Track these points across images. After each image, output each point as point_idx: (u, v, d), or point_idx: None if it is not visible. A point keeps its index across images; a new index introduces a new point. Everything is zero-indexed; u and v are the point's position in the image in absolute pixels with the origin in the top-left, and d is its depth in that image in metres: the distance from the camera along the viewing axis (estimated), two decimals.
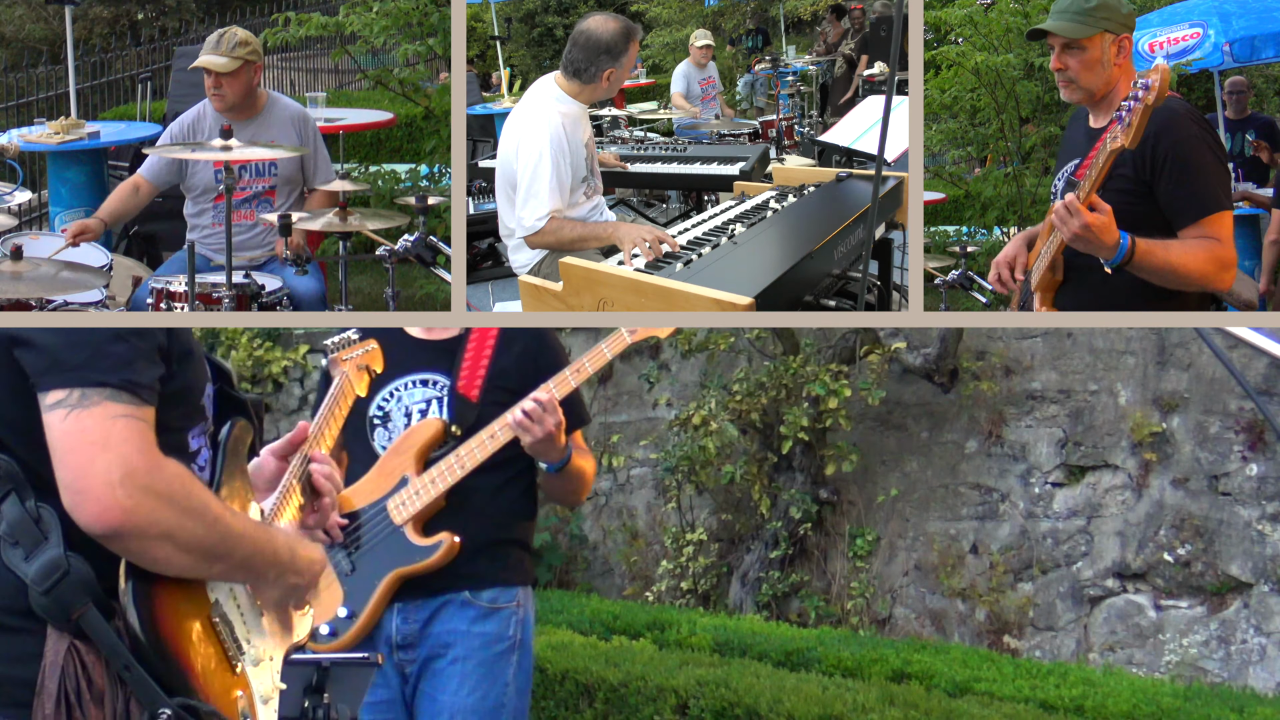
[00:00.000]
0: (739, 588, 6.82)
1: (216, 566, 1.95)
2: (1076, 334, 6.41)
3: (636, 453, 7.46)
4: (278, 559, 2.03)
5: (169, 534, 1.86)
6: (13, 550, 1.92)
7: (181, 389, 1.97)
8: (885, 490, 6.76)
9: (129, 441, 1.84)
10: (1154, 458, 6.10)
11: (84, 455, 1.84)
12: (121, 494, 1.82)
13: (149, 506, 1.83)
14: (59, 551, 1.90)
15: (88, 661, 1.90)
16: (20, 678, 1.92)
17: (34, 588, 1.90)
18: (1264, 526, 5.81)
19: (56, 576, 1.89)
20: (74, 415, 1.85)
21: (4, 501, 1.93)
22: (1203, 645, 5.84)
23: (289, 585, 2.07)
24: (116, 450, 1.83)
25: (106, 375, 1.86)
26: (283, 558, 2.04)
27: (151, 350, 1.91)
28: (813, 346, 6.81)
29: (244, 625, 2.05)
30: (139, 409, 1.86)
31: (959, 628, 6.41)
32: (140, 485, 1.83)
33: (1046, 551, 6.30)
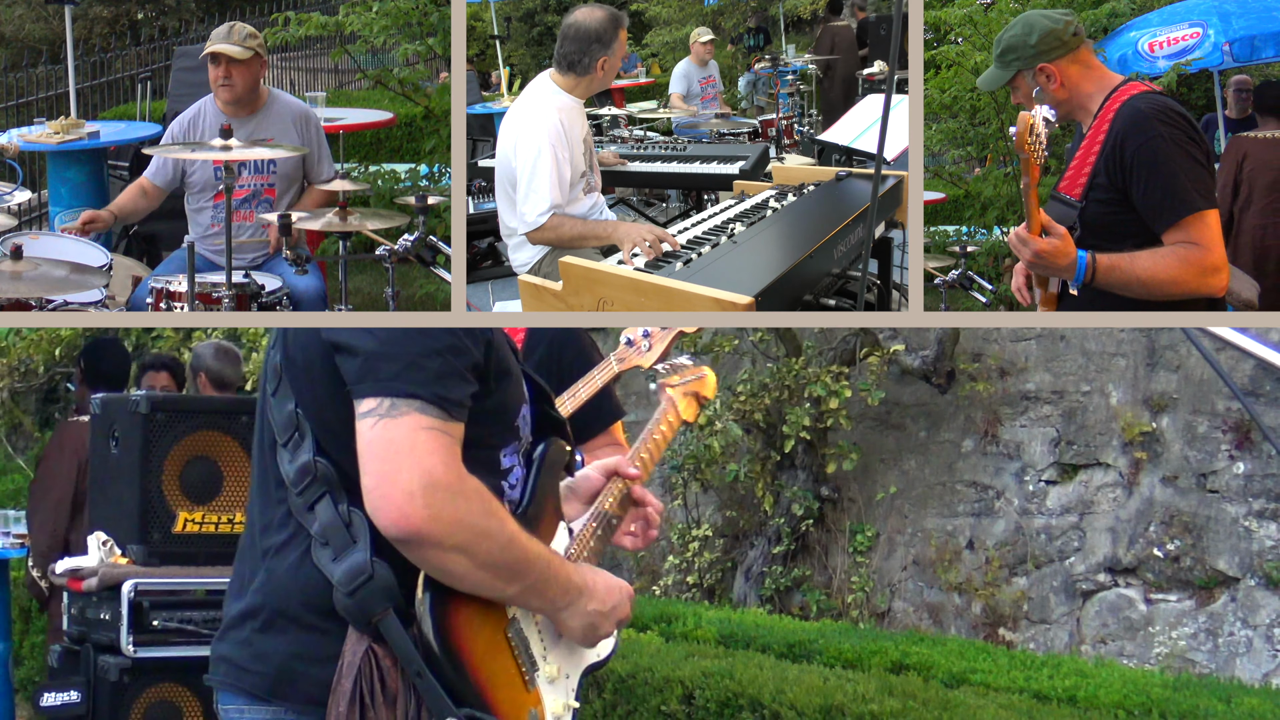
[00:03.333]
0: (743, 582, 6.87)
1: (512, 587, 1.94)
2: (1069, 337, 6.45)
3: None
4: (570, 585, 2.01)
5: (464, 547, 1.87)
6: (323, 550, 1.96)
7: (496, 407, 1.99)
8: (884, 488, 6.80)
9: (434, 454, 1.86)
10: (1144, 456, 6.16)
11: (389, 463, 1.86)
12: (421, 503, 1.84)
13: (447, 518, 1.85)
14: (365, 556, 1.92)
15: (383, 665, 1.93)
16: (317, 677, 1.95)
17: (339, 589, 1.93)
18: (1250, 523, 5.87)
19: (361, 580, 1.92)
20: (383, 424, 1.87)
21: (319, 503, 1.97)
22: (1191, 638, 5.88)
23: (588, 613, 2.03)
24: (420, 461, 1.85)
25: (419, 388, 1.87)
26: (575, 584, 2.01)
27: (466, 368, 1.92)
28: (814, 349, 6.85)
29: (541, 643, 2.04)
30: (446, 424, 1.88)
31: (956, 621, 6.45)
32: (440, 497, 1.85)
33: (1040, 547, 6.34)
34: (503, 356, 2.01)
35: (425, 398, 1.88)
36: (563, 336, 3.38)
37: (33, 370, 9.20)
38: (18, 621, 6.19)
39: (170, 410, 4.44)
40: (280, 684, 2.01)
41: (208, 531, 4.43)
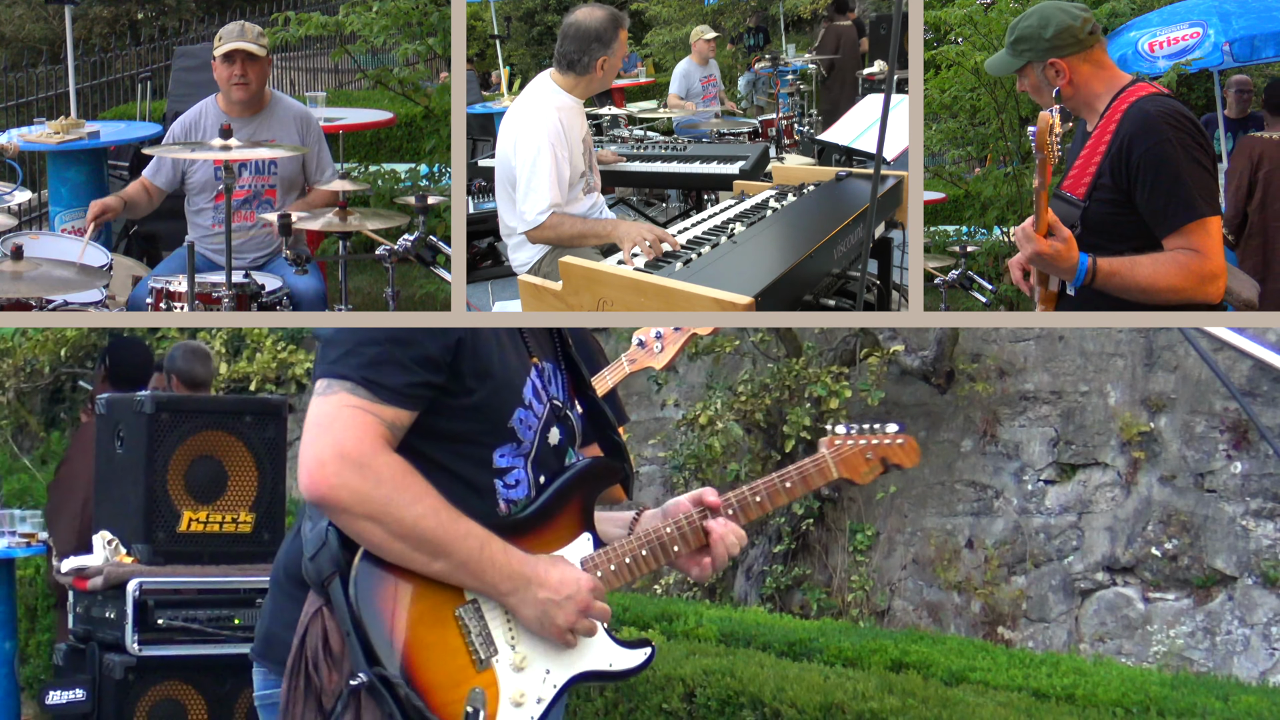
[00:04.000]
0: (744, 581, 6.90)
1: (436, 563, 2.02)
2: (1068, 337, 6.47)
3: (646, 451, 7.53)
4: (514, 573, 2.06)
5: (374, 518, 1.99)
6: (307, 522, 2.12)
7: (479, 405, 2.09)
8: (884, 487, 6.82)
9: (349, 429, 2.00)
10: (1142, 456, 6.18)
11: (310, 433, 2.02)
12: (330, 470, 1.98)
13: (352, 487, 1.98)
14: (325, 524, 2.06)
15: (328, 626, 2.04)
16: (288, 641, 2.09)
17: (305, 554, 2.09)
18: (1248, 522, 5.89)
19: (318, 545, 2.07)
20: (316, 400, 2.05)
21: None
22: (1189, 636, 5.91)
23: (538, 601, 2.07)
24: (335, 434, 2.00)
25: (350, 371, 2.02)
26: (521, 572, 2.06)
27: (409, 359, 2.03)
28: (814, 349, 6.87)
29: (509, 629, 2.09)
30: (374, 405, 2.01)
31: (955, 619, 6.47)
32: (345, 466, 1.98)
33: (1039, 546, 6.37)
34: (482, 359, 2.08)
35: (354, 379, 2.02)
36: (572, 337, 3.38)
37: (38, 370, 9.22)
38: (24, 620, 6.21)
39: (175, 410, 4.46)
40: (266, 645, 2.17)
41: (212, 531, 4.45)
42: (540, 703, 2.09)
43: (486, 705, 2.04)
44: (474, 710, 2.03)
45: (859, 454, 2.43)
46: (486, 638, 2.07)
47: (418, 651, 2.02)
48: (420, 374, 2.03)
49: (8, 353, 9.26)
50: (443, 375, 2.05)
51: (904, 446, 2.47)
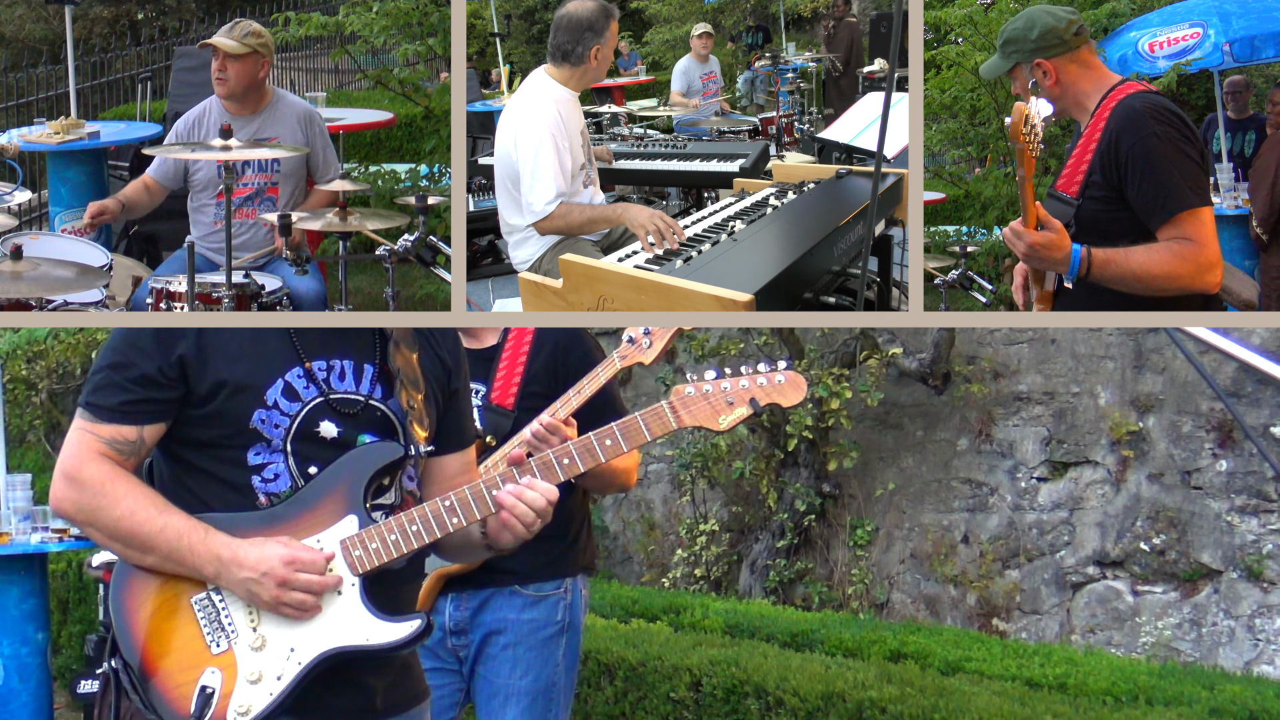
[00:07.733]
0: (748, 574, 6.96)
1: (149, 557, 2.23)
2: (1060, 340, 6.51)
3: (654, 450, 7.60)
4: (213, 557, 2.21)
5: (90, 523, 2.25)
6: None
7: (217, 413, 2.26)
8: (883, 484, 6.86)
9: (69, 448, 2.26)
10: (1131, 454, 6.25)
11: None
12: (57, 487, 2.27)
13: (68, 499, 2.26)
14: None
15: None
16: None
17: None
18: (1233, 518, 5.97)
19: None
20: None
21: None
22: (1176, 628, 5.97)
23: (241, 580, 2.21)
24: (63, 455, 2.28)
25: (82, 398, 2.29)
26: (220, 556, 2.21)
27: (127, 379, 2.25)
28: (816, 352, 6.92)
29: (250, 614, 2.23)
30: (93, 424, 2.26)
31: (951, 611, 6.52)
32: (62, 482, 2.26)
33: (1032, 541, 6.43)
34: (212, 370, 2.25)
35: (82, 404, 2.28)
36: (568, 336, 3.39)
37: (70, 372, 9.30)
38: (56, 612, 6.28)
39: None
40: None
41: None
42: (281, 679, 2.21)
43: (223, 685, 2.19)
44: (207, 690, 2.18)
45: (709, 400, 2.39)
46: (220, 622, 2.22)
47: (154, 641, 2.22)
48: (139, 391, 2.24)
49: (41, 355, 9.39)
50: (171, 390, 2.24)
51: (784, 384, 2.39)
